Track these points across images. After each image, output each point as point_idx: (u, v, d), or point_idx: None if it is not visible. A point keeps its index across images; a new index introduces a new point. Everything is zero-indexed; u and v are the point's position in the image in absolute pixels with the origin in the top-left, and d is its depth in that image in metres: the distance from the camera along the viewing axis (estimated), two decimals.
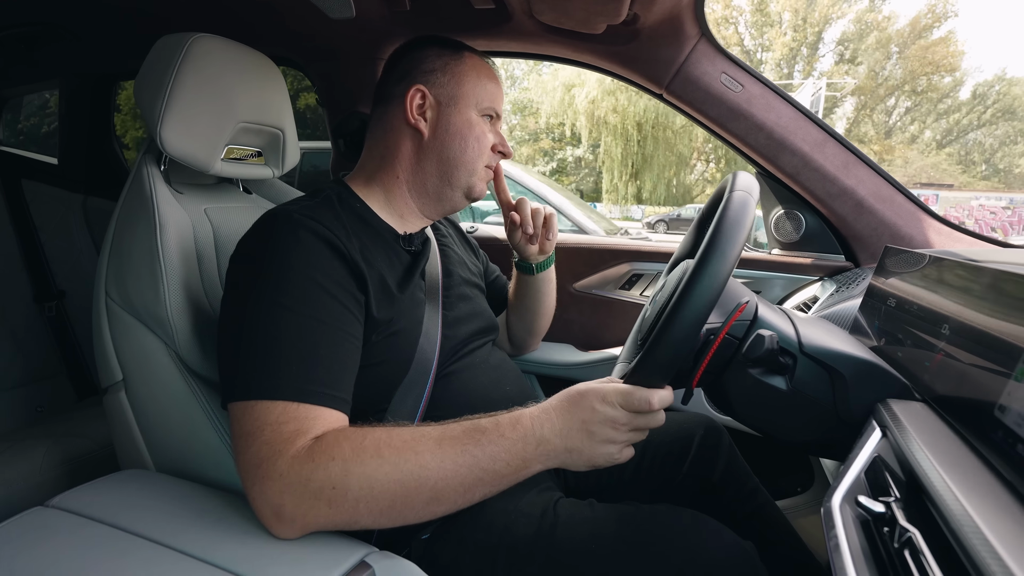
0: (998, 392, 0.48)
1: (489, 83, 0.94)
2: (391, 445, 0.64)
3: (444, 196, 0.94)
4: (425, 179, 0.92)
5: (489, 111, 0.94)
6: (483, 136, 0.93)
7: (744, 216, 0.64)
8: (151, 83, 0.89)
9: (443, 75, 0.92)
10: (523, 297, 1.18)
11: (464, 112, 0.92)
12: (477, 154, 0.93)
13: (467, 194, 0.95)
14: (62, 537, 0.62)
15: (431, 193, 0.94)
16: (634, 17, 1.17)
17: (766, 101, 1.26)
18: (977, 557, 0.35)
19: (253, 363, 0.66)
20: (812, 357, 0.70)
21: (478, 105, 0.92)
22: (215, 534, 0.63)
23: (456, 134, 0.91)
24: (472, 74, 0.93)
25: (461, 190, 0.94)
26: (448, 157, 0.91)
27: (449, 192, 0.94)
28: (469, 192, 0.95)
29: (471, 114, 0.92)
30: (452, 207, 0.97)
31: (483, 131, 0.93)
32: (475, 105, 0.92)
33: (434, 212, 0.97)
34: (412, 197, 0.94)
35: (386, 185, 0.92)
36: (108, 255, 0.90)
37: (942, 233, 1.25)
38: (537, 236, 1.08)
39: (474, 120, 0.92)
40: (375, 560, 0.62)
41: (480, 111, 0.93)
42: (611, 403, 0.67)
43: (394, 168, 0.92)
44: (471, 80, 0.93)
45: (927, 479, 0.45)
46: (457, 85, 0.92)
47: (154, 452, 0.86)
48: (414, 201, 0.94)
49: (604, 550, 0.70)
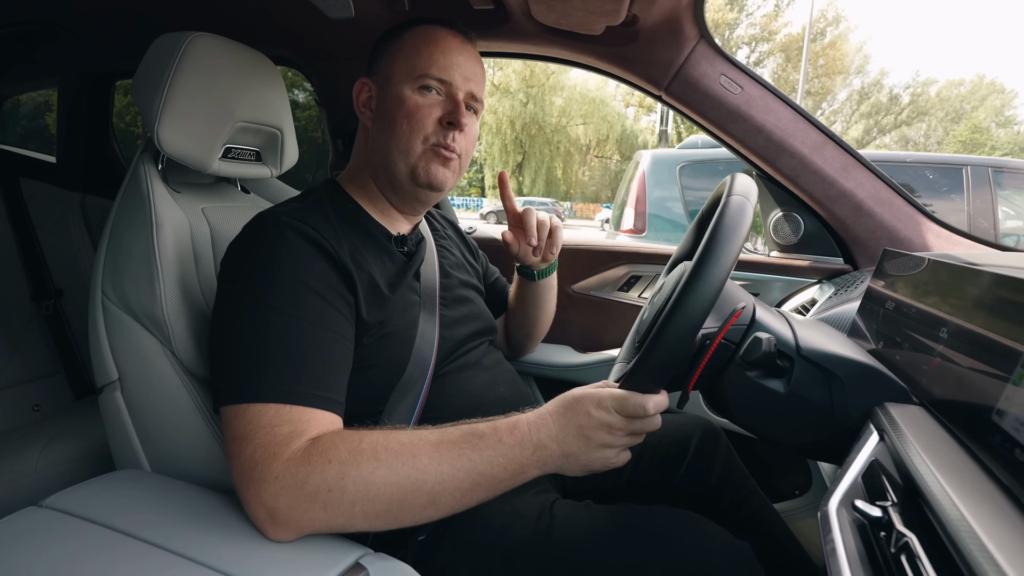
0: (996, 396, 0.48)
1: (427, 47, 0.85)
2: (388, 448, 0.63)
3: (395, 186, 0.89)
4: (377, 171, 0.90)
5: (425, 79, 0.84)
6: (415, 110, 0.84)
7: (741, 221, 0.64)
8: (149, 82, 0.89)
9: (382, 60, 0.88)
10: (523, 302, 1.18)
11: (395, 89, 0.85)
12: (410, 132, 0.84)
13: (414, 179, 0.86)
14: (55, 537, 0.61)
15: (386, 185, 0.90)
16: (633, 18, 1.17)
17: (765, 103, 1.26)
18: (974, 562, 0.35)
19: (244, 366, 0.66)
20: (810, 360, 0.70)
21: (410, 75, 0.84)
22: (209, 535, 0.63)
23: (387, 115, 0.85)
24: (406, 46, 0.86)
25: (404, 176, 0.86)
26: (383, 142, 0.86)
27: (395, 180, 0.87)
28: (413, 177, 0.86)
29: (401, 89, 0.84)
30: (413, 197, 0.90)
31: (416, 104, 0.84)
32: (406, 77, 0.84)
33: (403, 206, 0.93)
34: (383, 193, 0.92)
35: (365, 185, 0.92)
36: (104, 254, 0.89)
37: (941, 236, 1.25)
38: (541, 247, 1.05)
39: (405, 95, 0.84)
40: (369, 562, 0.62)
41: (414, 82, 0.84)
42: (606, 408, 0.67)
43: (364, 166, 0.92)
44: (404, 52, 0.86)
45: (924, 483, 0.45)
46: (390, 64, 0.86)
47: (149, 452, 0.86)
48: (386, 197, 0.92)
49: (600, 551, 0.70)
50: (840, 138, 1.27)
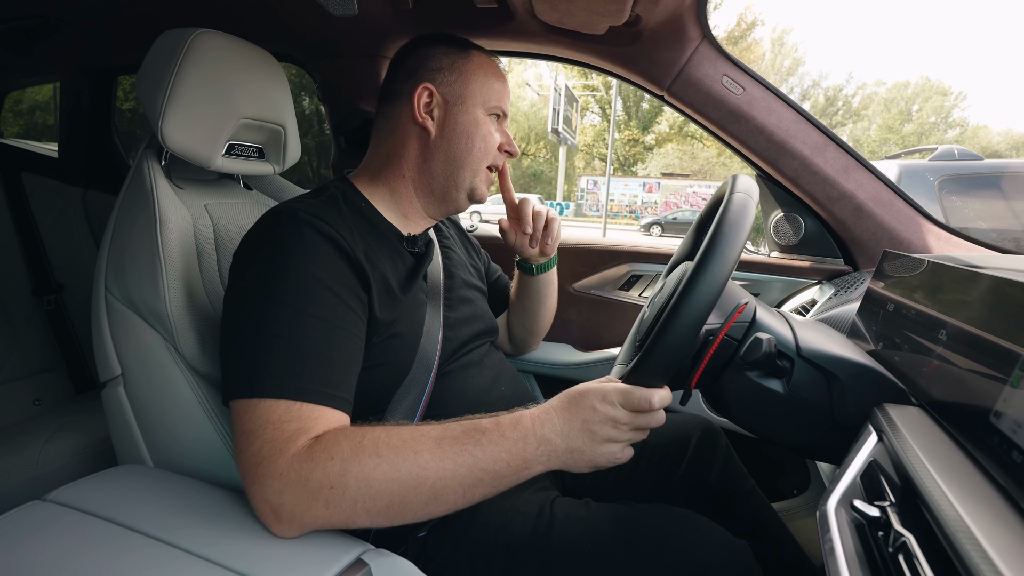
0: (994, 398, 0.48)
1: (496, 82, 0.93)
2: (390, 444, 0.63)
3: (448, 196, 0.93)
4: (431, 179, 0.92)
5: (496, 110, 0.93)
6: (489, 136, 0.92)
7: (744, 218, 0.64)
8: (153, 78, 0.89)
9: (450, 73, 0.91)
10: (524, 297, 1.18)
11: (471, 111, 0.91)
12: (483, 154, 0.92)
13: (470, 195, 0.94)
14: (59, 532, 0.62)
15: (436, 193, 0.93)
16: (636, 18, 1.17)
17: (767, 104, 1.26)
18: (971, 563, 0.36)
19: (256, 361, 0.66)
20: (809, 361, 0.70)
21: (485, 104, 0.92)
22: (212, 530, 0.63)
23: (463, 133, 0.90)
24: (479, 73, 0.92)
25: (465, 190, 0.93)
26: (454, 156, 0.91)
27: (454, 192, 0.93)
28: (472, 193, 0.94)
29: (478, 113, 0.91)
30: (456, 208, 0.96)
31: (489, 131, 0.92)
32: (482, 104, 0.91)
33: (438, 212, 0.96)
34: (417, 197, 0.93)
35: (392, 184, 0.92)
36: (108, 250, 0.90)
37: (941, 238, 1.25)
38: (537, 238, 1.06)
39: (481, 119, 0.91)
40: (371, 558, 0.62)
41: (487, 110, 0.92)
42: (612, 402, 0.67)
43: (400, 167, 0.91)
44: (478, 79, 0.92)
45: (922, 484, 0.46)
46: (464, 84, 0.91)
47: (152, 447, 0.86)
48: (419, 201, 0.93)
49: (599, 549, 0.71)
50: (841, 139, 1.27)
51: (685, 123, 29.81)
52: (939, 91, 32.39)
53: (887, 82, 35.64)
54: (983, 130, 34.07)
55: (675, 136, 30.86)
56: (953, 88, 34.63)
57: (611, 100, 29.05)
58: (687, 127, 30.29)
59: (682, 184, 24.69)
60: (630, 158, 30.92)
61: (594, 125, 31.59)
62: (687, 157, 29.66)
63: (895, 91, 33.90)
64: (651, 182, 24.75)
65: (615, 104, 22.21)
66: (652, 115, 30.50)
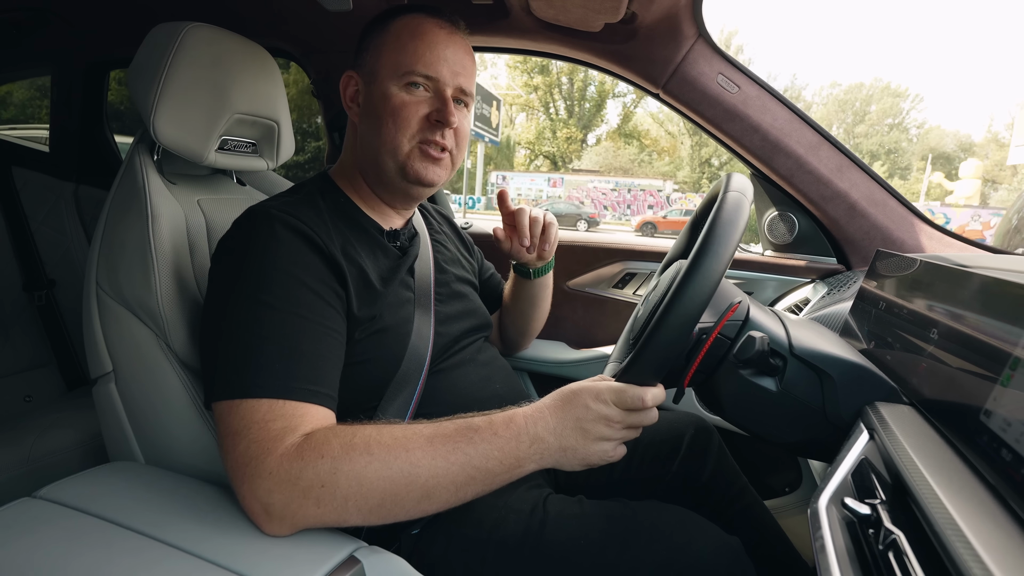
0: (984, 397, 0.48)
1: (412, 42, 0.83)
2: (381, 443, 0.63)
3: (385, 182, 0.88)
4: (367, 167, 0.89)
5: (411, 76, 0.82)
6: (401, 108, 0.82)
7: (738, 217, 0.64)
8: (145, 72, 0.89)
9: (368, 52, 0.86)
10: (518, 299, 1.18)
11: (380, 86, 0.83)
12: (395, 131, 0.82)
13: (404, 176, 0.85)
14: (49, 528, 0.61)
15: (375, 181, 0.89)
16: (632, 16, 1.17)
17: (762, 103, 1.27)
18: (960, 560, 0.36)
19: (236, 361, 0.66)
20: (802, 359, 0.70)
21: (396, 72, 0.82)
22: (204, 527, 0.63)
23: (372, 113, 0.84)
24: (391, 40, 0.84)
25: (394, 173, 0.85)
26: (371, 140, 0.85)
27: (386, 177, 0.86)
28: (403, 174, 0.85)
29: (387, 86, 0.82)
30: (405, 193, 0.89)
31: (402, 102, 0.82)
32: (392, 73, 0.82)
33: (394, 202, 0.92)
34: (373, 189, 0.91)
35: (354, 180, 0.91)
36: (99, 245, 0.89)
37: (933, 238, 1.26)
38: (535, 247, 1.04)
39: (391, 92, 0.82)
40: (364, 555, 0.62)
41: (400, 79, 0.82)
42: (605, 401, 0.68)
43: (353, 160, 0.91)
44: (390, 47, 0.83)
45: (912, 482, 0.46)
46: (376, 58, 0.84)
47: (143, 444, 0.86)
48: (375, 192, 0.91)
49: (592, 546, 0.71)
50: (836, 139, 1.27)
51: (623, 124, 31.69)
52: (894, 93, 33.09)
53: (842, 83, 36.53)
54: (936, 131, 34.89)
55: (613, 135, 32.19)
56: (910, 91, 35.59)
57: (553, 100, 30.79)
58: (625, 127, 31.74)
59: (584, 179, 25.75)
60: (568, 154, 31.78)
61: (539, 124, 32.45)
62: (610, 155, 30.91)
63: (850, 92, 34.60)
64: (555, 177, 25.71)
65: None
66: (592, 114, 31.38)
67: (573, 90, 30.80)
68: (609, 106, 33.01)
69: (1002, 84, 62.32)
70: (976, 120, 57.92)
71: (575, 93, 30.63)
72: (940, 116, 61.93)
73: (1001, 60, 64.09)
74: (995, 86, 62.67)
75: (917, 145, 33.22)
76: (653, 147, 31.98)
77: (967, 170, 18.87)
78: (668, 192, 25.17)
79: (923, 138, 33.59)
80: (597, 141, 32.44)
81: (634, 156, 30.50)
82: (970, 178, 18.55)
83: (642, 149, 31.44)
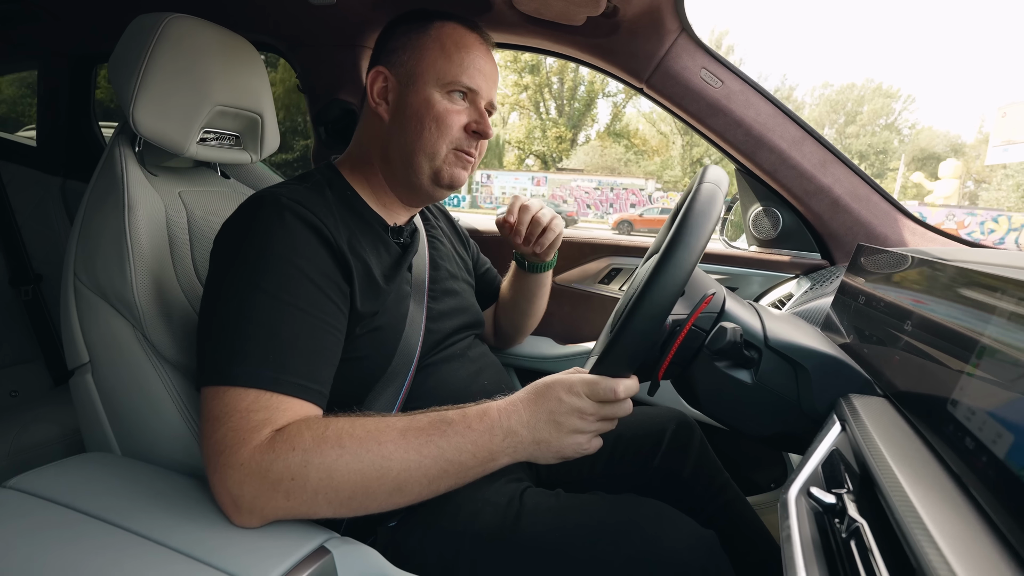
0: (952, 387, 0.48)
1: (458, 53, 0.85)
2: (353, 435, 0.63)
3: (412, 184, 0.88)
4: (392, 167, 0.88)
5: (455, 86, 0.84)
6: (446, 115, 0.84)
7: (711, 207, 0.64)
8: (125, 62, 0.88)
9: (404, 52, 0.86)
10: (515, 293, 1.18)
11: (422, 91, 0.84)
12: (437, 136, 0.84)
13: (435, 181, 0.87)
14: (14, 517, 0.61)
15: (401, 181, 0.89)
16: (614, 10, 1.17)
17: (745, 98, 1.27)
18: (918, 548, 0.36)
19: (230, 348, 0.65)
20: (777, 351, 0.70)
21: (440, 80, 0.84)
22: (173, 517, 0.63)
23: (413, 116, 0.84)
24: (435, 46, 0.85)
25: (426, 177, 0.87)
26: (406, 141, 0.85)
27: (415, 180, 0.87)
28: (437, 179, 0.87)
29: (430, 92, 0.84)
30: (427, 195, 0.91)
31: (445, 109, 0.84)
32: (436, 81, 0.84)
33: (412, 201, 0.93)
34: (389, 186, 0.91)
35: (367, 173, 0.90)
36: (78, 236, 0.88)
37: (916, 233, 1.26)
38: (529, 242, 1.04)
39: (434, 99, 0.84)
40: (334, 545, 0.62)
41: (443, 87, 0.84)
42: (577, 393, 0.67)
43: (369, 156, 0.90)
44: (433, 53, 0.85)
45: (878, 472, 0.46)
46: (417, 61, 0.85)
47: (119, 435, 0.85)
48: (392, 190, 0.91)
49: (566, 538, 0.71)
50: (819, 134, 1.28)
51: (613, 123, 31.92)
52: (886, 94, 33.32)
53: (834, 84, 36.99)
54: (927, 132, 35.13)
55: (602, 134, 32.42)
56: (902, 92, 35.89)
57: (544, 100, 31.05)
58: (614, 126, 31.99)
59: (567, 178, 25.94)
60: (559, 154, 32.11)
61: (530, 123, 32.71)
62: (597, 154, 31.24)
63: (842, 93, 34.84)
64: (539, 176, 25.91)
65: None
66: (582, 113, 31.62)
67: (563, 90, 31.07)
68: (601, 106, 33.44)
69: (994, 86, 62.79)
70: (968, 121, 58.41)
71: (565, 93, 30.82)
72: (932, 117, 62.36)
73: (994, 62, 64.53)
74: (987, 88, 63.15)
75: (908, 146, 33.52)
76: (642, 146, 32.34)
77: (946, 170, 19.02)
78: (650, 191, 25.51)
79: (915, 139, 33.90)
80: (586, 140, 32.71)
81: (621, 155, 30.88)
82: (949, 178, 18.71)
83: (629, 148, 31.82)
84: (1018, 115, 16.48)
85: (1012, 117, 16.61)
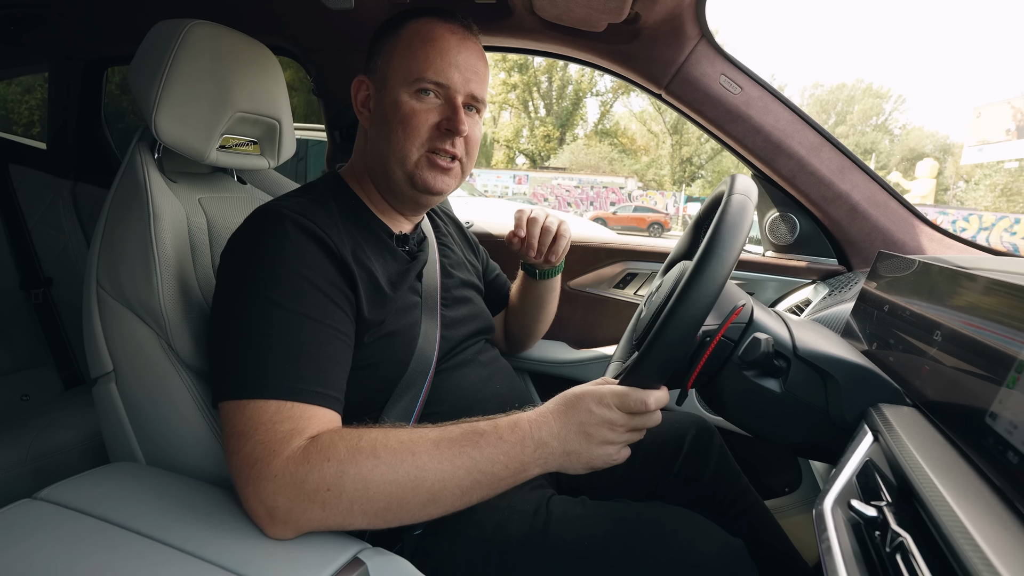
0: (989, 399, 0.48)
1: (423, 48, 0.81)
2: (387, 446, 0.63)
3: (393, 191, 0.88)
4: (375, 173, 0.88)
5: (422, 83, 0.81)
6: (411, 116, 0.81)
7: (743, 220, 0.64)
8: (146, 69, 0.88)
9: (379, 57, 0.85)
10: (524, 299, 1.18)
11: (391, 93, 0.82)
12: (404, 139, 0.81)
13: (412, 185, 0.85)
14: (52, 530, 0.61)
15: (384, 189, 0.89)
16: (635, 16, 1.17)
17: (764, 104, 1.27)
18: (968, 562, 0.36)
19: (244, 361, 0.66)
20: (806, 361, 0.70)
21: (407, 79, 0.81)
22: (207, 529, 0.63)
23: (382, 119, 0.83)
24: (402, 45, 0.83)
25: (402, 181, 0.85)
26: (380, 146, 0.84)
27: (394, 185, 0.86)
28: (413, 182, 0.84)
29: (398, 93, 0.82)
30: (412, 201, 0.89)
31: (411, 110, 0.81)
32: (403, 80, 0.81)
33: (402, 208, 0.92)
34: (380, 193, 0.91)
35: (364, 181, 0.91)
36: (100, 244, 0.88)
37: (934, 239, 1.26)
38: (541, 255, 1.04)
39: (401, 100, 0.81)
40: (368, 556, 0.62)
41: (410, 85, 0.81)
42: (608, 405, 0.67)
43: (363, 164, 0.91)
44: (400, 53, 0.82)
45: (918, 484, 0.46)
46: (387, 64, 0.83)
47: (144, 444, 0.85)
48: (384, 198, 0.91)
49: (596, 547, 0.71)
50: (838, 140, 1.27)
51: (600, 121, 32.33)
52: (876, 94, 33.47)
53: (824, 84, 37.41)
54: (916, 131, 35.35)
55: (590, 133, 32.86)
56: (892, 92, 36.13)
57: (532, 99, 31.44)
58: (601, 124, 32.38)
59: (548, 176, 26.52)
60: (545, 152, 32.36)
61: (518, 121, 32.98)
62: (581, 153, 31.60)
63: (833, 93, 35.04)
64: (520, 174, 26.56)
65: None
66: (570, 111, 31.97)
67: (552, 89, 31.15)
68: (589, 104, 33.64)
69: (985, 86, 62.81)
70: (958, 121, 58.43)
71: (554, 92, 30.94)
72: (923, 117, 62.45)
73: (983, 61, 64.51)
74: (978, 88, 63.18)
75: (898, 146, 33.63)
76: (630, 145, 32.48)
77: (923, 170, 18.97)
78: (631, 189, 25.95)
79: (904, 139, 34.00)
80: (574, 139, 32.82)
81: (606, 154, 31.11)
82: (926, 177, 18.68)
83: (615, 147, 32.01)
84: (992, 115, 16.72)
85: (986, 117, 16.84)
